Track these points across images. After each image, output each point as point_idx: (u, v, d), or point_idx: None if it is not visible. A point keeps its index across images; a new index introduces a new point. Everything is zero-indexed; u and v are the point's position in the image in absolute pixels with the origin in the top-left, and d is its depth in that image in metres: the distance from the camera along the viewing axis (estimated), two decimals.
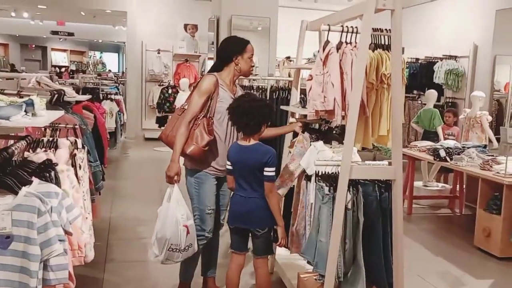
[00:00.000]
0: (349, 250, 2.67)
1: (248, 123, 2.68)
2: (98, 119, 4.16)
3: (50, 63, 20.12)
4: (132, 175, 7.01)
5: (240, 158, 2.73)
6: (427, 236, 4.93)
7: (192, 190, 2.96)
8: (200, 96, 2.88)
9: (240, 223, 2.80)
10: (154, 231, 2.83)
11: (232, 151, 2.80)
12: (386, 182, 2.68)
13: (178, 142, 2.83)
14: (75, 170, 2.56)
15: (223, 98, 2.91)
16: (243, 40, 3.02)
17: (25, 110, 2.01)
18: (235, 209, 2.80)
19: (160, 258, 2.82)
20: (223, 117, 2.90)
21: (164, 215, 2.80)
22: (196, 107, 2.87)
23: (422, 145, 5.59)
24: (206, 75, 3.00)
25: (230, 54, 2.96)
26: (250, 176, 2.71)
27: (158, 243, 2.80)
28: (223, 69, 2.99)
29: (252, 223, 2.76)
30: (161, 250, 2.79)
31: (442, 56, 7.46)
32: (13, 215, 1.86)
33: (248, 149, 2.72)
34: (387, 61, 2.63)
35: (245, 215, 2.74)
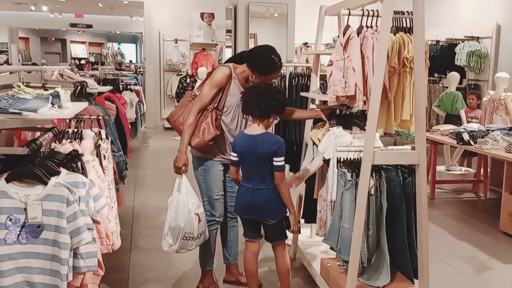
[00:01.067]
0: (373, 236, 2.67)
1: (260, 104, 2.63)
2: (120, 110, 4.21)
3: (69, 55, 20.36)
4: (152, 164, 7.09)
5: (248, 148, 2.69)
6: (451, 221, 4.88)
7: (199, 177, 3.01)
8: (212, 87, 2.87)
9: (249, 215, 2.78)
10: (167, 221, 2.87)
11: (238, 141, 2.76)
12: (410, 167, 2.66)
13: (186, 133, 2.84)
14: (100, 160, 2.60)
15: (233, 92, 2.90)
16: (275, 66, 2.89)
17: (52, 102, 2.05)
18: (243, 200, 2.77)
19: (175, 247, 2.86)
20: (230, 110, 2.91)
21: (176, 205, 2.84)
22: (205, 98, 2.87)
23: (445, 129, 5.50)
24: (221, 66, 2.97)
25: (255, 67, 2.88)
26: (259, 167, 2.67)
27: (172, 232, 2.84)
28: (243, 63, 2.95)
29: (262, 215, 2.75)
30: (176, 239, 2.84)
31: (464, 38, 7.30)
32: (43, 205, 1.91)
33: (256, 139, 2.68)
34: (409, 44, 2.59)
35: (254, 207, 2.72)
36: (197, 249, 3.13)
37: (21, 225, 1.92)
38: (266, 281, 3.25)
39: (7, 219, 1.91)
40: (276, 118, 2.85)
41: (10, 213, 1.90)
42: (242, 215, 2.84)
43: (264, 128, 2.71)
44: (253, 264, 2.83)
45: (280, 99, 2.71)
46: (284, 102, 2.75)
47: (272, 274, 3.24)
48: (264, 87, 2.70)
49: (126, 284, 3.28)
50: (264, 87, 2.71)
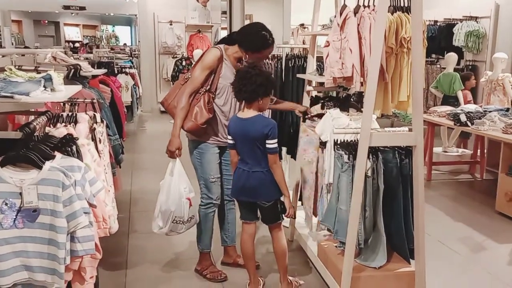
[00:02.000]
0: (369, 217, 2.68)
1: (241, 89, 2.63)
2: (115, 93, 4.16)
3: (63, 38, 20.09)
4: (149, 148, 7.07)
5: (240, 131, 2.69)
6: (447, 202, 4.91)
7: (195, 160, 3.01)
8: (203, 70, 2.85)
9: (245, 197, 2.80)
10: (158, 204, 2.91)
11: (231, 124, 2.77)
12: (407, 148, 2.65)
13: (179, 117, 2.83)
14: (95, 144, 2.59)
15: (225, 74, 2.88)
16: (267, 42, 2.86)
17: (44, 86, 2.02)
18: (239, 183, 2.77)
19: (165, 230, 2.91)
20: (223, 92, 2.90)
21: (167, 189, 2.86)
22: (197, 80, 2.85)
23: (442, 110, 5.49)
24: (212, 48, 2.94)
25: (247, 46, 2.86)
26: (252, 149, 2.67)
27: (162, 215, 2.88)
28: (233, 44, 2.92)
29: (258, 197, 2.75)
30: (166, 222, 2.88)
31: (462, 18, 7.24)
32: (38, 189, 1.90)
33: (248, 122, 2.67)
34: (407, 24, 2.56)
35: (250, 189, 2.72)
36: (194, 232, 3.14)
37: (17, 209, 1.90)
38: (263, 262, 3.27)
39: (2, 204, 1.89)
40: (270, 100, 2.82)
41: (6, 197, 1.89)
42: (238, 197, 2.85)
43: (256, 111, 2.69)
44: (249, 245, 2.85)
45: (259, 82, 2.62)
46: (264, 84, 2.66)
47: (270, 255, 3.26)
48: (244, 72, 2.66)
49: (124, 266, 3.29)
50: (245, 71, 2.66)
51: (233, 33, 3.04)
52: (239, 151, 2.75)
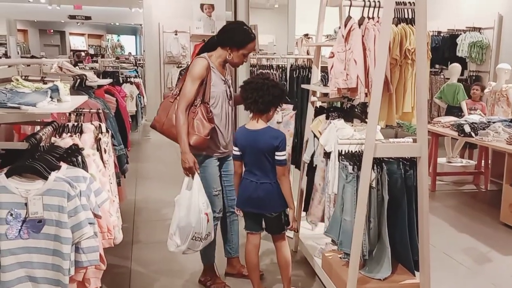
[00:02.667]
0: (374, 228, 2.67)
1: (257, 100, 2.62)
2: (120, 103, 4.19)
3: (68, 47, 20.26)
4: (154, 157, 7.08)
5: (249, 142, 2.69)
6: (452, 212, 4.88)
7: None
8: (193, 82, 2.80)
9: (252, 208, 2.78)
10: (175, 221, 2.79)
11: (239, 136, 2.75)
12: (411, 159, 2.65)
13: (183, 132, 2.76)
14: (100, 154, 2.59)
15: (215, 82, 2.86)
16: (248, 36, 2.87)
17: (51, 96, 2.03)
18: (245, 194, 2.76)
19: (183, 248, 2.80)
20: (217, 101, 2.88)
21: (187, 204, 2.76)
22: (190, 94, 2.79)
23: (446, 121, 5.49)
24: (197, 59, 2.88)
25: (228, 42, 2.85)
26: (261, 161, 2.67)
27: (181, 232, 2.77)
28: (215, 49, 2.90)
29: (265, 209, 2.74)
30: (185, 239, 2.77)
31: (466, 28, 7.25)
32: (44, 200, 1.90)
33: (258, 133, 2.67)
34: (411, 35, 2.57)
35: (257, 200, 2.71)
36: None
37: (22, 220, 1.91)
38: (267, 272, 3.26)
39: (7, 214, 1.90)
40: (277, 111, 2.83)
41: (11, 208, 1.90)
42: (244, 208, 2.83)
43: (265, 123, 2.70)
44: (254, 256, 2.84)
45: (276, 94, 2.65)
46: (280, 96, 2.70)
47: (274, 266, 3.25)
48: (260, 82, 2.66)
49: (128, 277, 3.28)
50: (260, 82, 2.66)
51: (211, 39, 2.99)
52: (247, 162, 2.74)
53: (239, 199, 2.84)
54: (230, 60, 2.90)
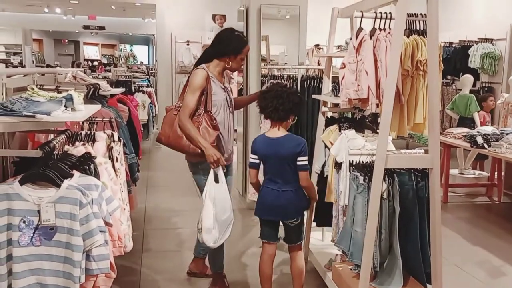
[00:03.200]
0: (385, 240, 2.65)
1: (278, 108, 2.67)
2: (132, 112, 4.22)
3: (82, 57, 20.54)
4: (164, 166, 7.11)
5: (271, 150, 2.71)
6: (464, 225, 4.82)
7: (202, 183, 2.92)
8: (194, 93, 2.85)
9: (273, 216, 2.79)
10: (210, 215, 2.76)
11: (259, 144, 2.78)
12: (423, 170, 2.63)
13: (196, 134, 2.79)
14: (112, 163, 2.61)
15: (216, 91, 2.92)
16: (242, 41, 2.97)
17: (65, 105, 2.06)
18: (267, 202, 2.77)
19: (221, 240, 2.82)
20: (219, 109, 2.93)
21: (222, 197, 2.79)
22: (191, 103, 2.84)
23: (458, 132, 5.45)
24: (196, 70, 2.93)
25: (225, 52, 2.92)
26: (282, 168, 2.70)
27: (220, 225, 2.77)
28: (212, 59, 2.96)
29: (286, 216, 2.76)
30: (224, 232, 2.80)
31: (478, 40, 7.22)
32: (56, 207, 1.92)
33: (279, 141, 2.71)
34: (423, 47, 2.57)
35: (279, 209, 2.74)
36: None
37: (35, 227, 1.93)
38: (278, 283, 3.24)
39: (20, 221, 1.92)
40: (294, 118, 2.86)
41: (24, 215, 1.92)
42: (265, 216, 2.82)
43: (285, 130, 2.75)
44: (269, 266, 2.84)
45: (296, 101, 2.73)
46: (300, 103, 2.78)
47: (284, 276, 3.23)
48: (280, 90, 2.71)
49: (137, 286, 3.29)
50: (280, 90, 2.71)
51: (207, 50, 3.05)
52: (268, 170, 2.76)
53: (259, 207, 2.83)
54: (229, 68, 2.98)
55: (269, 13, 4.96)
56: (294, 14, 4.98)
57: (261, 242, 2.88)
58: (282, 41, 5.55)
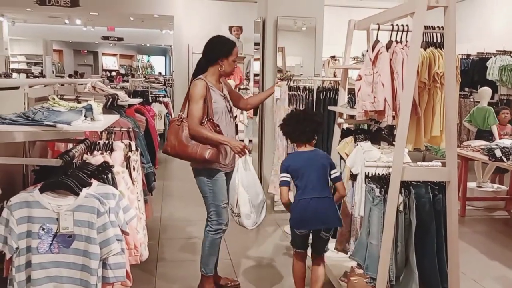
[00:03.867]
0: (401, 253, 2.62)
1: (305, 130, 2.88)
2: (149, 122, 4.28)
3: (101, 67, 20.87)
4: (179, 175, 7.15)
5: (306, 163, 2.87)
6: (482, 239, 4.74)
7: (205, 188, 3.04)
8: (197, 102, 2.93)
9: (316, 225, 2.85)
10: (246, 201, 3.04)
11: (293, 160, 2.94)
12: (440, 183, 2.61)
13: (212, 135, 2.90)
14: (129, 172, 2.65)
15: (216, 99, 3.01)
16: (230, 43, 3.08)
17: (85, 115, 2.10)
18: (307, 212, 2.82)
19: (259, 221, 3.11)
20: (220, 116, 3.03)
21: (253, 181, 3.07)
22: (198, 112, 2.92)
23: (476, 145, 5.38)
24: (196, 81, 3.00)
25: (216, 56, 3.02)
26: (318, 178, 2.85)
27: (256, 209, 3.05)
28: (207, 69, 3.06)
29: (328, 222, 2.85)
30: (259, 214, 3.07)
31: (496, 52, 7.15)
32: (74, 216, 1.96)
33: (312, 154, 2.91)
34: (440, 59, 2.56)
35: (322, 214, 2.83)
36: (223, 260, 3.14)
37: (53, 234, 1.97)
38: None
39: (40, 229, 1.96)
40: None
41: (43, 223, 1.96)
42: (309, 227, 2.87)
43: (312, 146, 2.96)
44: (303, 270, 2.97)
45: (319, 120, 3.00)
46: (321, 123, 3.08)
47: None
48: (302, 115, 2.96)
49: None
50: (302, 114, 2.97)
51: (200, 62, 3.13)
52: (304, 183, 2.84)
53: (299, 219, 2.86)
54: (223, 72, 3.07)
55: (285, 24, 5.01)
56: (310, 26, 5.01)
57: (293, 250, 3.00)
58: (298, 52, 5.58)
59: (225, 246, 3.94)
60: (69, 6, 10.39)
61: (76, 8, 10.48)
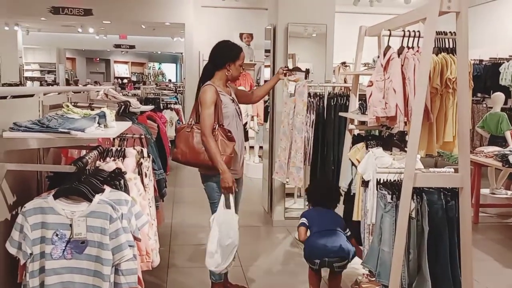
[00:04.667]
0: (413, 260, 2.59)
1: (330, 198, 3.28)
2: (161, 129, 4.30)
3: (113, 75, 21.08)
4: (190, 182, 7.16)
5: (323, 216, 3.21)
6: (496, 246, 4.68)
7: (214, 194, 3.04)
8: (209, 108, 2.93)
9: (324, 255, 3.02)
10: (214, 240, 2.87)
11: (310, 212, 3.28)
12: (452, 190, 2.58)
13: (217, 154, 2.88)
14: (141, 178, 2.66)
15: (226, 103, 3.02)
16: (236, 48, 3.11)
17: (98, 122, 2.13)
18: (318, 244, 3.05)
19: (223, 266, 2.88)
20: (231, 121, 3.03)
21: (228, 222, 2.87)
22: (210, 118, 2.92)
23: (489, 151, 5.32)
24: (205, 87, 3.01)
25: (223, 61, 3.04)
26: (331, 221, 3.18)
27: (223, 251, 2.85)
28: (214, 74, 3.07)
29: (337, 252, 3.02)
30: (227, 257, 2.86)
31: (508, 57, 7.09)
32: (87, 222, 1.97)
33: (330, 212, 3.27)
34: (452, 65, 2.55)
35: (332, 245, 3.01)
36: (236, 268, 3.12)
37: (67, 240, 1.98)
38: None
39: (53, 235, 1.98)
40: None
41: (57, 228, 1.98)
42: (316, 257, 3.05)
43: None
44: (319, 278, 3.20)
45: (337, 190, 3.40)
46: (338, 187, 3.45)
47: None
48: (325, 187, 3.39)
49: None
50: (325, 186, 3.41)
51: (206, 69, 3.15)
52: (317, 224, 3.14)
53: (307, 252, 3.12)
54: (230, 76, 3.09)
55: (296, 31, 5.02)
56: (320, 33, 5.01)
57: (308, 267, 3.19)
58: (309, 58, 5.58)
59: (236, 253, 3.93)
60: (82, 15, 10.54)
61: (89, 17, 10.63)
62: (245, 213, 3.71)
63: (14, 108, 2.34)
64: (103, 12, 10.76)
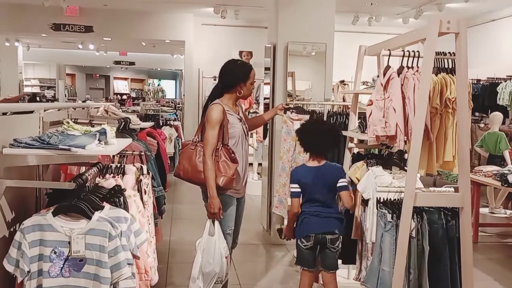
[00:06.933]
0: (414, 280, 2.58)
1: (319, 144, 2.91)
2: (161, 145, 4.30)
3: (112, 91, 21.14)
4: (189, 199, 7.13)
5: (316, 178, 2.89)
6: (495, 266, 4.65)
7: None
8: (214, 128, 2.90)
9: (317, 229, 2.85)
10: (197, 265, 2.88)
11: (302, 173, 2.94)
12: (453, 209, 2.58)
13: (211, 178, 2.85)
14: (140, 195, 2.65)
15: (233, 123, 2.98)
16: (247, 67, 3.07)
17: (99, 139, 2.12)
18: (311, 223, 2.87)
19: None
20: (237, 141, 2.99)
21: (210, 249, 2.86)
22: (214, 139, 2.89)
23: (488, 170, 5.32)
24: (212, 105, 2.97)
25: (235, 82, 3.01)
26: (325, 194, 2.89)
27: (205, 277, 2.85)
28: (223, 94, 3.03)
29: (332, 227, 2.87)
30: (208, 284, 2.86)
31: (506, 77, 7.15)
32: (86, 239, 1.96)
33: (323, 168, 2.92)
34: (452, 85, 2.57)
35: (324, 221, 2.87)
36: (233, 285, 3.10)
37: (65, 258, 1.96)
38: None
39: (51, 252, 1.96)
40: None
41: (55, 246, 1.96)
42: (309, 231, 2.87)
43: (323, 159, 2.96)
44: None
45: (337, 133, 3.04)
46: (340, 134, 3.11)
47: None
48: (321, 127, 2.98)
49: None
50: (317, 126, 2.99)
51: (215, 88, 3.10)
52: (310, 198, 2.89)
53: (300, 228, 2.91)
54: (241, 96, 3.06)
55: (295, 49, 5.06)
56: (320, 51, 5.06)
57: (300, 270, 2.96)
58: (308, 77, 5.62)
59: (234, 271, 3.90)
60: (83, 31, 10.62)
61: (90, 33, 10.70)
62: (244, 231, 3.69)
63: (14, 124, 2.34)
64: (104, 29, 10.84)
